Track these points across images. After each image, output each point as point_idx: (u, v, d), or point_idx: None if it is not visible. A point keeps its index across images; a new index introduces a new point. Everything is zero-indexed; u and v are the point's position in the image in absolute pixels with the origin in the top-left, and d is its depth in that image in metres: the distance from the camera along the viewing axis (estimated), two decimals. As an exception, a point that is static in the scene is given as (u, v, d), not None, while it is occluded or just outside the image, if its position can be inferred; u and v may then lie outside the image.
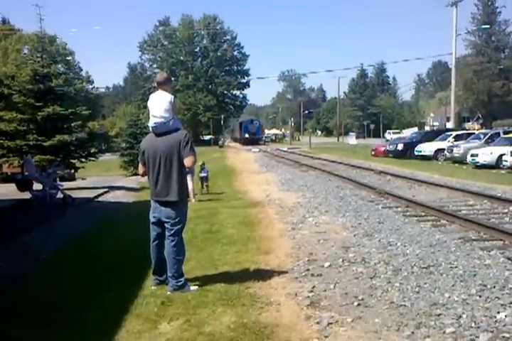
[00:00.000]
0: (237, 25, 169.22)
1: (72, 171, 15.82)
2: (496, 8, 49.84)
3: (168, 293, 4.00)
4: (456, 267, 4.60)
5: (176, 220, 4.01)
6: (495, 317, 3.40)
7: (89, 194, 11.73)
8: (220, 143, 51.23)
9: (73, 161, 15.03)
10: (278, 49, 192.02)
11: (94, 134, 17.99)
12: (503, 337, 3.09)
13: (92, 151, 15.76)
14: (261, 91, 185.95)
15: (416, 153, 21.93)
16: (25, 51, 42.32)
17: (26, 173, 11.32)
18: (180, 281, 4.04)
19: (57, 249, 5.93)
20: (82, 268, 4.91)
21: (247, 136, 54.87)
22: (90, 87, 52.80)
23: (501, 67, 48.82)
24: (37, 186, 10.66)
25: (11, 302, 4.02)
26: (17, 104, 14.40)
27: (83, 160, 15.09)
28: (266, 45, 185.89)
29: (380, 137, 51.27)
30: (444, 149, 20.40)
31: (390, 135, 49.43)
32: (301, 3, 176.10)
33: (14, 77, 15.87)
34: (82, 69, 54.31)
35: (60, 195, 10.40)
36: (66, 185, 12.11)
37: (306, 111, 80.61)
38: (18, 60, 31.72)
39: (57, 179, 11.82)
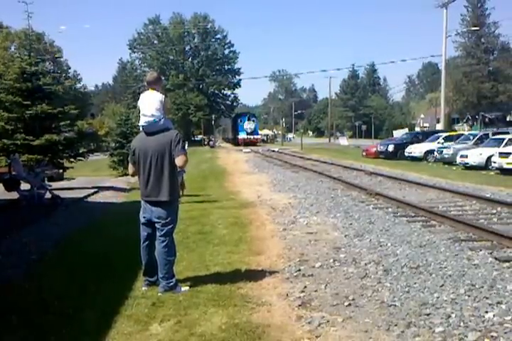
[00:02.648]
0: (227, 24, 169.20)
1: (61, 171, 15.65)
2: (485, 9, 50.39)
3: (159, 294, 3.98)
4: (445, 267, 4.65)
5: (167, 220, 4.00)
6: (483, 316, 3.44)
7: (78, 194, 11.61)
8: (211, 143, 48.37)
9: (62, 161, 14.87)
10: (269, 49, 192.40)
11: (83, 133, 17.83)
12: (491, 336, 3.13)
13: (80, 151, 15.63)
14: (252, 91, 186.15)
15: (406, 154, 22.11)
16: (13, 48, 41.92)
17: (14, 173, 11.17)
18: (171, 282, 4.02)
19: (46, 250, 5.86)
20: (71, 269, 4.86)
21: (243, 135, 45.07)
22: (79, 85, 52.28)
23: (490, 68, 49.43)
24: (25, 186, 10.54)
25: (1, 304, 3.97)
26: (4, 102, 14.23)
27: (72, 159, 14.94)
28: (257, 45, 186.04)
29: (371, 138, 51.51)
30: (434, 150, 20.60)
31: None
32: (293, 4, 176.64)
33: (1, 75, 15.68)
34: (70, 67, 53.84)
35: (48, 195, 10.29)
36: (54, 185, 11.98)
37: (298, 112, 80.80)
38: (5, 58, 31.36)
39: (46, 179, 11.68)
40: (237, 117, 50.17)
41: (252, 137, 45.42)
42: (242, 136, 45.43)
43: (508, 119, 32.80)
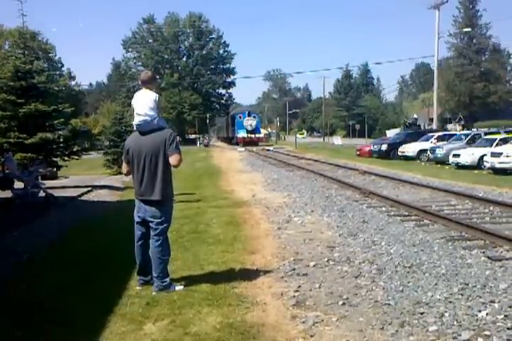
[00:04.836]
0: (222, 24, 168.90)
1: (55, 169, 15.57)
2: (477, 11, 50.62)
3: (153, 293, 3.98)
4: (438, 266, 4.68)
5: (161, 219, 3.99)
6: (476, 315, 3.46)
7: (72, 193, 11.56)
8: (205, 142, 47.43)
9: (56, 159, 14.80)
10: (264, 49, 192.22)
11: (77, 132, 17.65)
12: (485, 335, 3.15)
13: (74, 149, 15.54)
14: (247, 90, 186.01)
15: (399, 154, 22.22)
16: (7, 47, 41.60)
17: (7, 171, 11.10)
18: (166, 281, 4.02)
19: (40, 249, 5.83)
20: (65, 269, 4.84)
21: (243, 134, 39.46)
22: (73, 83, 51.98)
23: (482, 69, 49.70)
24: (18, 184, 10.48)
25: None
26: (-2, 101, 14.12)
27: (66, 158, 14.87)
28: (252, 44, 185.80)
29: (365, 137, 51.62)
30: (426, 150, 20.71)
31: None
32: (287, 4, 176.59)
33: (-5, 73, 15.53)
34: (63, 65, 53.55)
35: (42, 194, 10.23)
36: (48, 183, 11.92)
37: (292, 111, 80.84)
38: (-1, 56, 31.11)
39: (39, 177, 11.61)
40: (235, 114, 44.22)
41: (253, 136, 39.56)
42: (241, 134, 39.56)
43: (417, 123, 42.20)
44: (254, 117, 40.71)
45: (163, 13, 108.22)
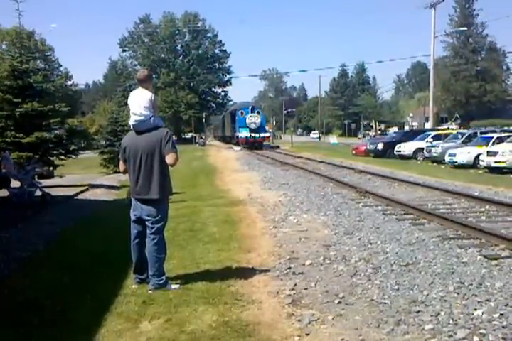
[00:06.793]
0: (218, 23, 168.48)
1: (51, 169, 15.51)
2: (473, 10, 50.80)
3: (150, 291, 3.98)
4: (434, 265, 4.69)
5: (157, 218, 3.99)
6: (472, 314, 3.47)
7: (69, 192, 11.54)
8: (201, 141, 46.97)
9: (52, 158, 14.74)
10: (260, 48, 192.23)
11: (74, 131, 17.55)
12: (480, 333, 3.16)
13: (71, 148, 15.47)
14: (243, 89, 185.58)
15: (395, 153, 22.26)
16: (3, 46, 41.47)
17: (4, 170, 11.05)
18: (162, 280, 4.02)
19: (36, 248, 5.82)
20: (61, 267, 4.82)
21: (244, 133, 32.61)
22: (69, 83, 51.79)
23: (478, 68, 49.87)
24: (15, 183, 10.44)
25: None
26: (-5, 100, 14.03)
27: (62, 157, 14.82)
28: (248, 44, 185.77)
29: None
30: (423, 149, 20.76)
31: None
32: (284, 3, 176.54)
33: (-8, 73, 15.43)
34: (61, 65, 53.39)
35: (38, 193, 10.21)
36: (45, 182, 11.87)
37: (288, 110, 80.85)
38: (-5, 55, 30.95)
39: (36, 176, 11.57)
40: (235, 110, 36.29)
41: (257, 135, 32.59)
42: (243, 133, 32.78)
43: (371, 124, 49.60)
44: (258, 113, 33.54)
45: (159, 13, 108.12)
